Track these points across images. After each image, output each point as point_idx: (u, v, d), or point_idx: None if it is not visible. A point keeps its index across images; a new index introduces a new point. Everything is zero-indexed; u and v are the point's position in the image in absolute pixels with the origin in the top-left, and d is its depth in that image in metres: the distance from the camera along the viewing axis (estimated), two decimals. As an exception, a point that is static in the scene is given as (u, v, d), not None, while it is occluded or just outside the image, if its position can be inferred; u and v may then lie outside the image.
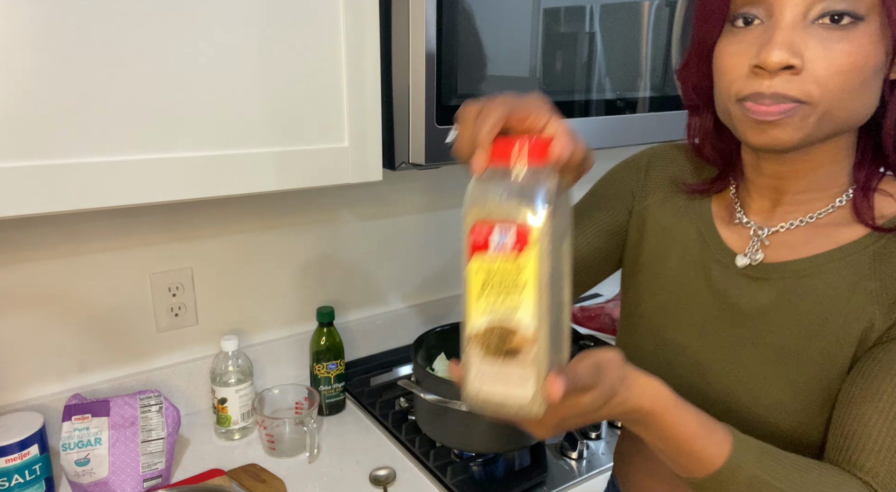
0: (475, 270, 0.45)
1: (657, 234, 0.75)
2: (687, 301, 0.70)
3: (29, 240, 1.00)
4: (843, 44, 0.52)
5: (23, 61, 0.65)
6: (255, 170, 0.82)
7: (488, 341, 0.46)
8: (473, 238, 0.45)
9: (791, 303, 0.62)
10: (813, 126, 0.55)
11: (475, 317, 0.46)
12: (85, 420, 0.95)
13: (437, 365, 1.17)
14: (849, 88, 0.53)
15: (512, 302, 0.44)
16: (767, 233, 0.65)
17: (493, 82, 0.91)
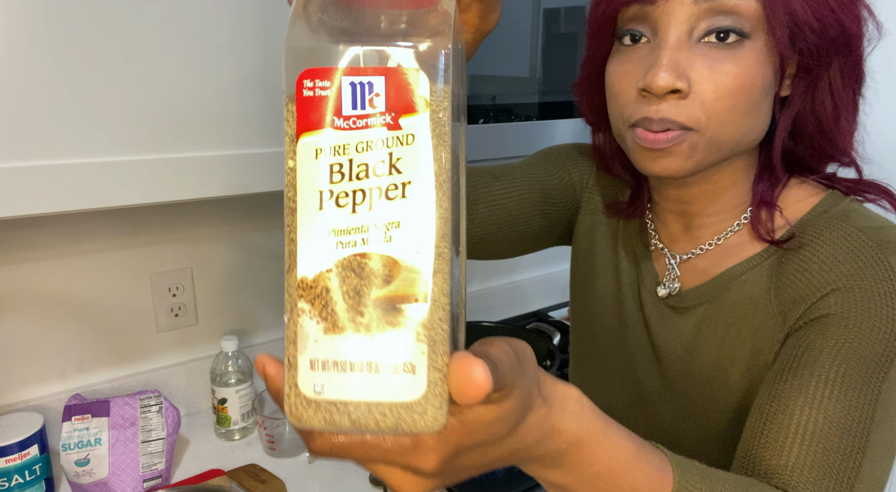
0: (309, 157, 0.25)
1: (602, 248, 0.72)
2: (628, 327, 0.68)
3: (29, 240, 1.00)
4: (729, 64, 0.50)
5: (23, 62, 0.65)
6: (255, 170, 0.82)
7: (337, 294, 0.25)
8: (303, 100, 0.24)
9: (709, 331, 0.60)
10: (703, 153, 0.53)
11: (311, 249, 0.25)
12: (85, 420, 0.95)
13: (437, 365, 1.16)
14: (738, 112, 0.51)
15: (388, 214, 0.25)
16: (679, 261, 0.64)
17: (492, 82, 0.91)
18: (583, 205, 0.76)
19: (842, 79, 0.54)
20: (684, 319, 0.63)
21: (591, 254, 0.73)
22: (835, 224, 0.55)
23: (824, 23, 0.50)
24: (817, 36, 0.51)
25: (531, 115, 0.96)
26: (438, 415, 0.25)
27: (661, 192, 0.64)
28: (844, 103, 0.55)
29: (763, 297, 0.57)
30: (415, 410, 0.25)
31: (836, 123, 0.56)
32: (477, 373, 0.25)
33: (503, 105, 0.92)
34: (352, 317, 0.25)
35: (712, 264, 0.61)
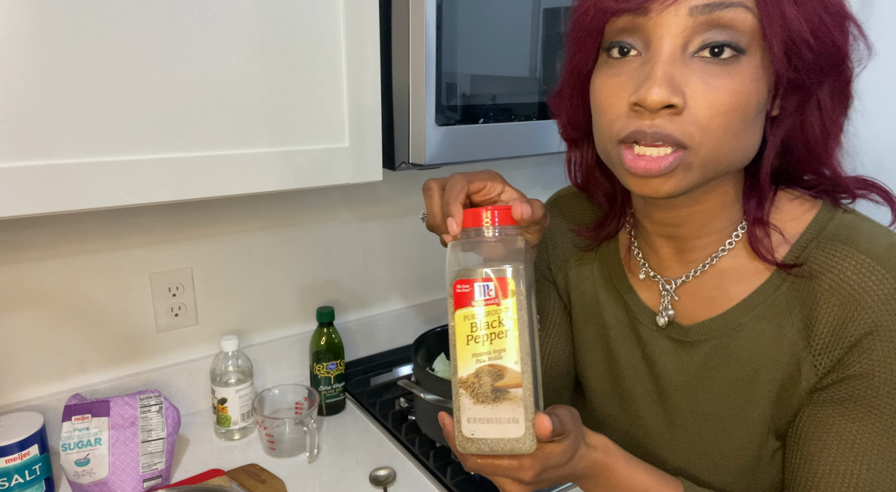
0: (461, 320, 0.50)
1: (582, 301, 0.72)
2: (623, 368, 0.67)
3: (29, 240, 1.00)
4: (724, 80, 0.48)
5: (23, 62, 0.65)
6: (255, 170, 0.82)
7: (478, 385, 0.50)
8: (457, 293, 0.50)
9: (718, 368, 0.60)
10: (697, 173, 0.51)
11: (464, 363, 0.50)
12: (85, 420, 0.95)
13: (437, 365, 1.17)
14: (731, 130, 0.49)
15: (498, 345, 0.50)
16: (675, 287, 0.62)
17: (493, 82, 0.91)
18: (556, 272, 0.75)
19: (831, 99, 0.53)
20: (689, 354, 0.61)
21: (573, 306, 0.73)
22: (840, 251, 0.54)
23: (820, 39, 0.49)
24: (813, 53, 0.49)
25: (531, 115, 0.96)
26: (532, 445, 0.49)
27: (648, 216, 0.61)
28: (833, 123, 0.54)
29: (787, 333, 0.56)
30: (520, 442, 0.49)
31: (825, 143, 0.55)
32: (546, 423, 0.48)
33: (503, 105, 0.92)
34: (485, 396, 0.50)
35: (712, 290, 0.60)
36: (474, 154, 0.92)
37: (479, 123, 0.91)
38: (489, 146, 0.93)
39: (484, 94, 0.90)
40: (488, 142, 0.92)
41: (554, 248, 0.74)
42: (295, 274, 1.26)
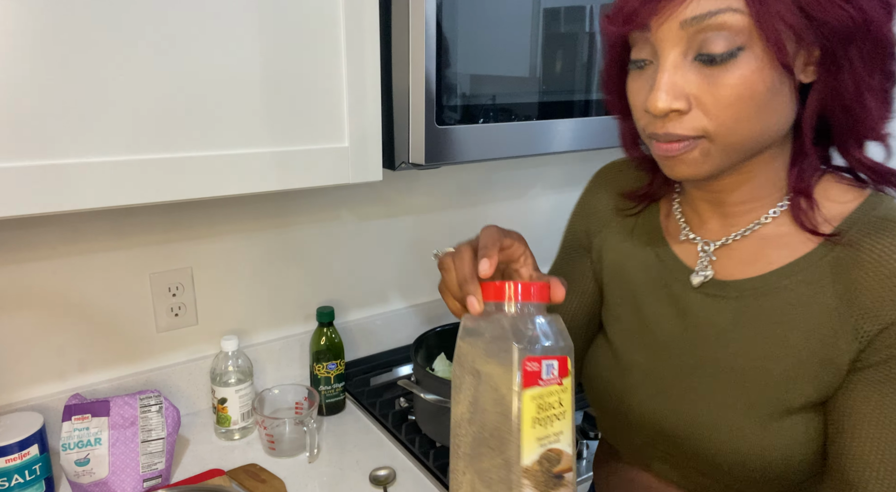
0: (529, 401, 0.47)
1: (616, 260, 0.75)
2: (650, 322, 0.69)
3: (29, 240, 1.00)
4: (725, 77, 0.52)
5: (23, 62, 0.65)
6: (255, 170, 0.82)
7: (541, 472, 0.48)
8: (527, 372, 0.47)
9: (749, 323, 0.61)
10: (719, 156, 0.56)
11: (529, 449, 0.47)
12: (85, 420, 0.95)
13: (437, 365, 1.17)
14: (744, 117, 0.53)
15: (557, 428, 0.49)
16: (714, 248, 0.65)
17: (493, 82, 0.91)
18: (593, 236, 0.79)
19: (862, 62, 0.53)
20: (723, 309, 0.63)
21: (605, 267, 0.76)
22: (889, 228, 0.55)
23: (822, 18, 0.51)
24: (817, 31, 0.51)
25: (531, 115, 0.96)
26: None
27: (695, 182, 0.65)
28: (868, 86, 0.54)
29: (828, 301, 0.57)
30: None
31: (861, 105, 0.55)
32: None
33: (503, 105, 0.92)
34: (546, 484, 0.48)
35: (753, 254, 0.62)
36: (474, 154, 0.92)
37: (479, 123, 0.91)
38: (489, 146, 0.93)
39: (484, 94, 0.90)
40: (488, 142, 0.92)
41: (595, 213, 0.80)
42: (295, 274, 1.26)
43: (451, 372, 0.66)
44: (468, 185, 1.46)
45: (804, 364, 0.58)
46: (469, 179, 1.45)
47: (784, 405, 0.59)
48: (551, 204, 1.62)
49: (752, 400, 0.60)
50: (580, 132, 1.02)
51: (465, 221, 1.48)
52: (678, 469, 0.68)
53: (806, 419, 0.59)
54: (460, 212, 1.46)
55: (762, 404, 0.60)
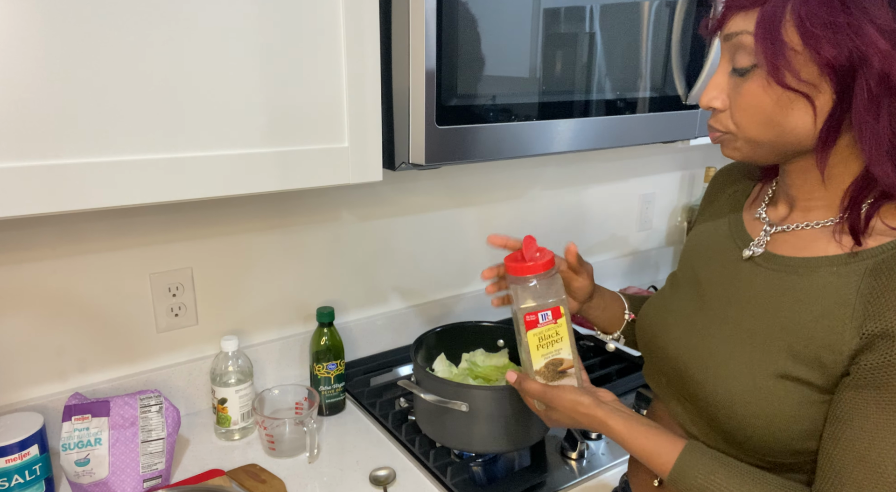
0: (532, 336, 0.79)
1: (700, 222, 0.86)
2: (701, 277, 0.78)
3: (29, 240, 1.00)
4: (744, 87, 0.64)
5: (23, 62, 0.65)
6: (255, 170, 0.82)
7: (547, 372, 0.80)
8: (527, 320, 0.79)
9: (775, 294, 0.67)
10: (747, 148, 0.67)
11: (537, 361, 0.80)
12: (85, 420, 0.95)
13: (437, 365, 1.17)
14: (756, 122, 0.64)
15: (558, 346, 0.80)
16: (774, 231, 0.71)
17: (493, 82, 0.91)
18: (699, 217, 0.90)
19: (868, 96, 0.57)
20: (760, 276, 0.70)
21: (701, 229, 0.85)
22: None
23: (817, 50, 0.57)
24: (819, 62, 0.58)
25: (531, 115, 0.96)
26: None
27: (779, 172, 0.73)
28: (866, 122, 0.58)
29: (849, 295, 0.61)
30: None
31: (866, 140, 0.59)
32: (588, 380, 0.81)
33: (503, 105, 0.92)
34: (553, 375, 0.80)
35: (805, 243, 0.68)
36: (474, 154, 0.92)
37: (480, 124, 0.91)
38: (489, 146, 0.93)
39: (484, 95, 0.90)
40: (488, 142, 0.92)
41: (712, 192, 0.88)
42: (295, 274, 1.26)
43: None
44: (468, 185, 1.46)
45: (808, 343, 0.63)
46: (469, 179, 1.45)
47: (781, 371, 0.65)
48: (551, 204, 1.62)
49: (755, 359, 0.67)
50: (580, 132, 1.02)
51: (465, 221, 1.48)
52: (688, 413, 0.75)
53: (799, 392, 0.64)
54: (460, 212, 1.46)
55: (762, 364, 0.66)
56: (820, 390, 0.63)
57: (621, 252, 1.84)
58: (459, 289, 1.52)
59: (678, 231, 1.98)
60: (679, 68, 1.10)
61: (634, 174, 1.78)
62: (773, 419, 0.65)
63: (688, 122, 1.17)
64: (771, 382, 0.65)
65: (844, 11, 0.56)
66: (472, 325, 1.21)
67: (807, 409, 0.63)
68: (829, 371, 0.62)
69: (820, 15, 0.57)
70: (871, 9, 0.56)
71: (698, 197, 1.90)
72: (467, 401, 0.97)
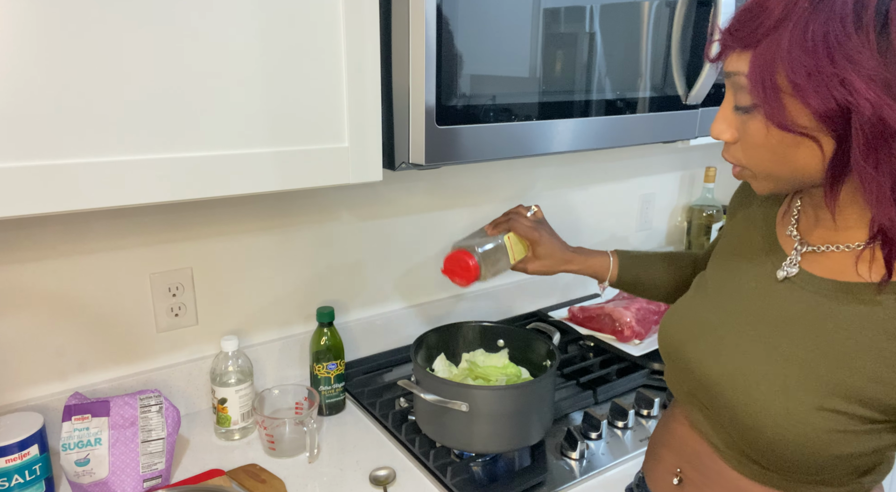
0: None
1: (730, 231, 0.84)
2: (731, 290, 0.76)
3: (29, 240, 1.00)
4: (748, 124, 0.63)
5: (23, 62, 0.65)
6: (255, 170, 0.82)
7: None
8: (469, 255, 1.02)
9: (816, 319, 0.65)
10: (763, 181, 0.66)
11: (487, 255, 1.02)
12: (85, 420, 0.95)
13: (437, 365, 1.17)
14: (761, 158, 0.64)
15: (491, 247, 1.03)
16: (804, 250, 0.70)
17: (493, 82, 0.91)
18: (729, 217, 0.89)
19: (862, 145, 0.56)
20: (796, 297, 0.68)
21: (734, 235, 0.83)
22: None
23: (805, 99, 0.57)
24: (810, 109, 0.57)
25: (531, 115, 0.96)
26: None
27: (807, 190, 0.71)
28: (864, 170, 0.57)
29: (890, 325, 0.60)
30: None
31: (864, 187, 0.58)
32: None
33: (503, 105, 0.92)
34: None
35: (836, 264, 0.66)
36: (474, 154, 0.92)
37: (480, 124, 0.91)
38: (489, 146, 0.93)
39: (484, 95, 0.90)
40: (488, 142, 0.92)
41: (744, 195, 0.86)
42: (295, 274, 1.26)
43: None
44: (468, 185, 1.46)
45: (852, 374, 0.61)
46: (469, 179, 1.45)
47: (819, 401, 0.62)
48: (551, 204, 1.62)
49: (791, 385, 0.64)
50: (580, 132, 1.02)
51: (465, 221, 1.48)
52: (711, 424, 0.74)
53: (836, 421, 0.62)
54: (460, 212, 1.46)
55: (799, 391, 0.64)
56: (863, 420, 0.61)
57: (621, 252, 1.84)
58: (459, 289, 1.52)
59: (678, 231, 1.98)
60: (679, 68, 1.10)
61: (634, 174, 1.78)
62: (805, 446, 0.63)
63: (688, 122, 1.17)
64: (807, 409, 0.63)
65: (830, 61, 0.54)
66: (472, 325, 1.21)
67: (844, 437, 0.62)
68: (878, 404, 0.60)
69: (805, 64, 0.56)
70: (857, 57, 0.54)
71: (698, 197, 1.90)
72: (467, 401, 0.97)
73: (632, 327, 1.42)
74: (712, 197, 1.85)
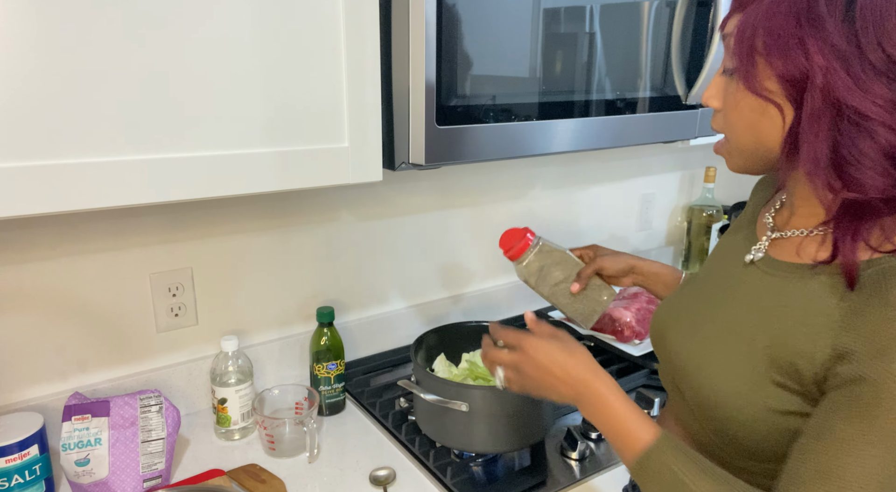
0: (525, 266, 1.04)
1: (726, 232, 0.86)
2: (710, 278, 0.79)
3: (29, 240, 1.00)
4: (730, 88, 0.65)
5: (23, 62, 0.65)
6: (255, 170, 0.82)
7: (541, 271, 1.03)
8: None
9: (764, 297, 0.68)
10: (738, 156, 0.68)
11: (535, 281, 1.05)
12: (85, 420, 0.95)
13: (437, 365, 1.17)
14: (738, 127, 0.65)
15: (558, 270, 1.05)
16: (774, 236, 0.72)
17: (493, 82, 0.91)
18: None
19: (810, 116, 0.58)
20: (754, 280, 0.71)
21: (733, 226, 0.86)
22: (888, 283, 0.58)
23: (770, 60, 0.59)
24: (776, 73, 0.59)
25: (531, 115, 0.96)
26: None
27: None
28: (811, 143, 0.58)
29: (831, 306, 0.61)
30: None
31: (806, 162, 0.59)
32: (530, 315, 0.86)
33: (503, 105, 0.92)
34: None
35: (799, 248, 0.68)
36: (474, 154, 0.92)
37: (480, 124, 0.91)
38: (489, 146, 0.93)
39: (484, 95, 0.90)
40: (488, 142, 0.92)
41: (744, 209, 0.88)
42: (295, 274, 1.26)
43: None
44: (468, 185, 1.46)
45: (784, 348, 0.63)
46: (469, 179, 1.45)
47: (760, 375, 0.65)
48: (551, 204, 1.62)
49: (736, 360, 0.67)
50: (580, 132, 1.02)
51: (465, 221, 1.48)
52: (688, 410, 0.76)
53: (778, 397, 0.64)
54: (460, 212, 1.46)
55: (744, 366, 0.66)
56: (799, 395, 0.62)
57: (621, 252, 1.84)
58: (459, 289, 1.52)
59: (678, 231, 1.98)
60: (679, 68, 1.10)
61: (634, 174, 1.78)
62: (754, 423, 0.65)
63: (688, 122, 1.17)
64: (751, 388, 0.65)
65: (797, 25, 0.56)
66: (472, 325, 1.21)
67: (787, 417, 0.63)
68: (804, 379, 0.61)
69: (778, 25, 0.57)
70: (822, 24, 0.55)
71: (698, 197, 1.90)
72: (467, 401, 0.97)
73: (632, 327, 1.42)
74: (712, 197, 1.85)
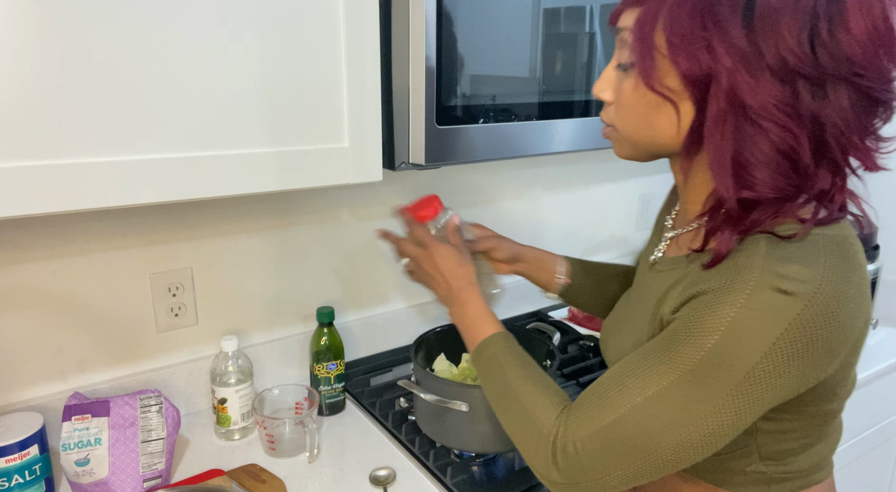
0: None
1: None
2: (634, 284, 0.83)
3: (29, 240, 1.00)
4: (624, 83, 0.65)
5: (22, 61, 0.65)
6: (255, 170, 0.82)
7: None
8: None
9: (657, 293, 0.71)
10: (625, 145, 0.69)
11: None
12: (85, 420, 0.95)
13: (437, 365, 1.17)
14: (630, 120, 0.66)
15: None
16: (671, 236, 0.75)
17: (493, 82, 0.91)
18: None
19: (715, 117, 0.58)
20: (650, 275, 0.76)
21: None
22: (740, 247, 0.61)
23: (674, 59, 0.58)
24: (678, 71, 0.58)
25: (531, 115, 0.96)
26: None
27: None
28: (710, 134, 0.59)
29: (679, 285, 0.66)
30: None
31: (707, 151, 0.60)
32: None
33: (503, 105, 0.92)
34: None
35: (686, 242, 0.72)
36: (474, 154, 0.92)
37: (480, 124, 0.91)
38: (489, 146, 0.93)
39: (484, 95, 0.90)
40: (488, 142, 0.92)
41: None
42: (295, 274, 1.26)
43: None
44: (468, 185, 1.46)
45: (650, 324, 0.69)
46: (469, 179, 1.45)
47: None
48: (551, 204, 1.62)
49: (626, 349, 0.71)
50: (580, 132, 1.02)
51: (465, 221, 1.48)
52: None
53: None
54: (460, 212, 1.46)
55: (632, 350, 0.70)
56: None
57: (621, 252, 1.84)
58: (459, 289, 1.52)
59: (678, 231, 1.98)
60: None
61: (634, 174, 1.78)
62: None
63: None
64: None
65: (702, 25, 0.56)
66: (472, 325, 1.21)
67: None
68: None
69: (683, 25, 0.57)
70: (725, 25, 0.55)
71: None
72: (467, 401, 0.97)
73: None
74: (712, 197, 1.85)
